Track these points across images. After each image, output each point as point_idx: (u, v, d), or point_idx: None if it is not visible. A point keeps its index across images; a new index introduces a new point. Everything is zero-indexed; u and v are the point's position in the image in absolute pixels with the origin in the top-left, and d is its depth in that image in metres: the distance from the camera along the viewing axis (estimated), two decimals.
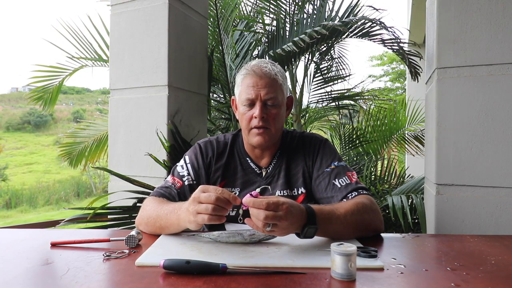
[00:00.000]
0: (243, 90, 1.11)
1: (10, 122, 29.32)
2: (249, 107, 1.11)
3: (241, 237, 0.90)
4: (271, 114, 1.10)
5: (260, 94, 1.09)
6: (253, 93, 1.09)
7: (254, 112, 1.09)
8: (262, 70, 1.09)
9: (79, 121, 10.67)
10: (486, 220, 1.35)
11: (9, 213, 13.38)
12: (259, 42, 2.88)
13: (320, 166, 1.14)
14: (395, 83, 15.78)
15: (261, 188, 0.88)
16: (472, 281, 0.68)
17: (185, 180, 1.15)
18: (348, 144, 3.36)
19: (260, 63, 1.12)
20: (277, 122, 1.12)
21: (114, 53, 1.97)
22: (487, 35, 1.36)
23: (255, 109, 1.09)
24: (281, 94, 1.13)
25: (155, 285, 0.67)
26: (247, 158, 1.19)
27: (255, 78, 1.09)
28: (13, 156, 23.56)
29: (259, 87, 1.09)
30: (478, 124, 1.36)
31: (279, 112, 1.12)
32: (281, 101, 1.13)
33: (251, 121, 1.11)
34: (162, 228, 0.99)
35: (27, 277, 0.72)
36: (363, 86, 9.83)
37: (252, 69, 1.10)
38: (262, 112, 1.08)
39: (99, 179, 16.43)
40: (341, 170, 1.12)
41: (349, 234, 0.95)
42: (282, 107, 1.14)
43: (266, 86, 1.08)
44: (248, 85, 1.10)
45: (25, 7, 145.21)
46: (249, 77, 1.10)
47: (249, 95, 1.09)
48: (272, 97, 1.09)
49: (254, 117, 1.10)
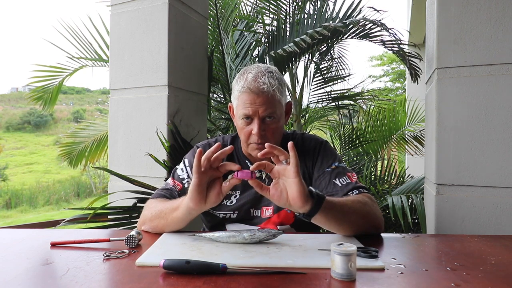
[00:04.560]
0: (240, 105, 1.08)
1: (10, 122, 29.31)
2: (246, 122, 1.08)
3: (242, 237, 0.90)
4: (269, 130, 1.08)
5: (258, 111, 1.05)
6: (251, 109, 1.05)
7: (253, 129, 1.06)
8: (259, 88, 1.04)
9: (80, 121, 10.67)
10: (486, 220, 1.35)
11: (9, 213, 13.37)
12: (259, 42, 2.88)
13: (320, 166, 1.14)
14: (395, 83, 15.79)
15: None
16: (472, 281, 0.68)
17: (185, 183, 1.15)
18: (348, 144, 3.36)
19: (257, 77, 1.06)
20: (276, 135, 1.11)
21: (114, 53, 1.97)
22: (487, 35, 1.36)
23: (253, 125, 1.06)
24: (280, 107, 1.09)
25: (155, 285, 0.67)
26: (246, 160, 1.19)
27: (252, 96, 1.05)
28: (13, 156, 23.55)
29: (257, 105, 1.04)
30: (478, 124, 1.36)
31: (277, 125, 1.10)
32: (280, 113, 1.10)
33: (250, 137, 1.09)
34: (166, 220, 1.00)
35: (27, 277, 0.72)
36: (363, 86, 9.83)
37: (249, 87, 1.05)
38: (260, 129, 1.05)
39: (99, 179, 16.43)
40: (341, 170, 1.12)
41: (349, 225, 0.95)
42: (281, 119, 1.12)
43: (264, 103, 1.04)
44: (245, 102, 1.06)
45: (25, 7, 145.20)
46: (246, 95, 1.05)
47: (246, 111, 1.06)
48: (271, 112, 1.06)
49: (252, 134, 1.07)
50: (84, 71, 3.27)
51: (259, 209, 1.14)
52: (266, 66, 1.13)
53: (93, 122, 3.79)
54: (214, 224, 1.19)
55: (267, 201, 1.12)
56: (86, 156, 3.48)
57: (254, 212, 1.14)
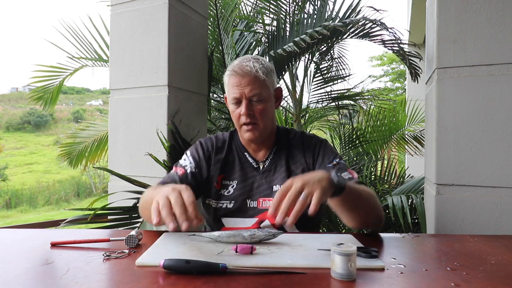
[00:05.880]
0: (229, 89, 1.16)
1: (10, 122, 29.33)
2: (236, 105, 1.15)
3: (242, 237, 0.90)
4: (257, 110, 1.14)
5: (244, 92, 1.12)
6: (238, 92, 1.13)
7: (241, 110, 1.14)
8: (243, 70, 1.12)
9: (80, 122, 10.67)
10: (486, 220, 1.35)
11: (9, 213, 13.38)
12: (259, 42, 2.88)
13: (322, 162, 1.17)
14: (395, 83, 15.78)
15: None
16: (472, 281, 0.68)
17: (187, 168, 1.20)
18: (348, 144, 3.36)
19: (242, 61, 1.15)
20: (264, 117, 1.15)
21: (114, 53, 1.97)
22: (487, 35, 1.36)
23: (242, 107, 1.14)
24: (266, 89, 1.15)
25: (155, 285, 0.67)
26: (245, 152, 1.23)
27: (238, 78, 1.13)
28: (13, 156, 23.56)
29: (243, 86, 1.12)
30: (478, 124, 1.36)
31: (265, 107, 1.15)
32: (267, 96, 1.15)
33: (240, 118, 1.15)
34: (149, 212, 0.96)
35: (27, 277, 0.72)
36: (363, 86, 9.83)
37: (234, 69, 1.14)
38: (248, 109, 1.13)
39: (99, 179, 16.44)
40: (342, 166, 1.15)
41: (366, 208, 0.98)
42: (269, 101, 1.17)
43: (249, 84, 1.12)
44: (233, 85, 1.14)
45: (25, 7, 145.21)
46: (233, 77, 1.14)
47: (234, 94, 1.14)
48: (256, 93, 1.12)
49: (241, 115, 1.14)
50: (84, 71, 3.27)
51: (255, 200, 1.16)
52: (255, 55, 1.20)
53: (93, 122, 3.79)
54: (213, 218, 1.19)
55: (263, 192, 1.16)
56: (86, 156, 3.48)
57: (251, 203, 1.16)
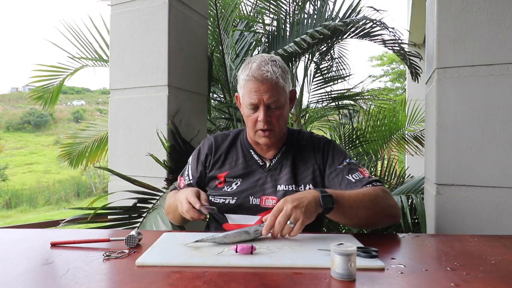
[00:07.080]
0: (246, 93, 1.13)
1: (10, 122, 29.32)
2: (253, 110, 1.13)
3: (247, 235, 0.92)
4: (274, 116, 1.13)
5: (263, 98, 1.10)
6: (256, 98, 1.10)
7: (259, 116, 1.11)
8: (263, 76, 1.08)
9: (80, 122, 10.69)
10: (486, 220, 1.35)
11: (9, 213, 13.37)
12: (259, 42, 2.88)
13: (332, 163, 1.17)
14: (395, 83, 15.78)
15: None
16: (472, 281, 0.68)
17: (187, 181, 1.27)
18: (348, 144, 3.35)
19: (261, 65, 1.10)
20: (281, 121, 1.15)
21: (114, 53, 1.97)
22: (487, 35, 1.36)
23: (259, 113, 1.11)
24: (284, 94, 1.14)
25: (155, 285, 0.67)
26: (250, 150, 1.23)
27: (257, 83, 1.09)
28: (13, 156, 23.56)
29: (262, 92, 1.09)
30: (478, 124, 1.36)
31: (282, 112, 1.15)
32: (284, 101, 1.14)
33: (256, 123, 1.14)
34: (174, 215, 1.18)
35: (27, 277, 0.72)
36: (363, 86, 9.82)
37: (253, 74, 1.09)
38: (266, 116, 1.11)
39: (99, 179, 16.43)
40: (353, 167, 1.15)
41: (366, 214, 0.99)
42: (286, 106, 1.16)
43: (268, 90, 1.09)
44: (250, 90, 1.11)
45: (26, 7, 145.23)
46: (251, 82, 1.10)
47: (252, 100, 1.11)
48: (275, 100, 1.11)
49: (258, 121, 1.12)
50: (84, 71, 3.27)
51: (258, 197, 1.16)
52: (270, 55, 1.17)
53: (93, 122, 3.79)
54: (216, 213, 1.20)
55: (267, 190, 1.16)
56: (87, 156, 3.48)
57: (253, 200, 1.16)
